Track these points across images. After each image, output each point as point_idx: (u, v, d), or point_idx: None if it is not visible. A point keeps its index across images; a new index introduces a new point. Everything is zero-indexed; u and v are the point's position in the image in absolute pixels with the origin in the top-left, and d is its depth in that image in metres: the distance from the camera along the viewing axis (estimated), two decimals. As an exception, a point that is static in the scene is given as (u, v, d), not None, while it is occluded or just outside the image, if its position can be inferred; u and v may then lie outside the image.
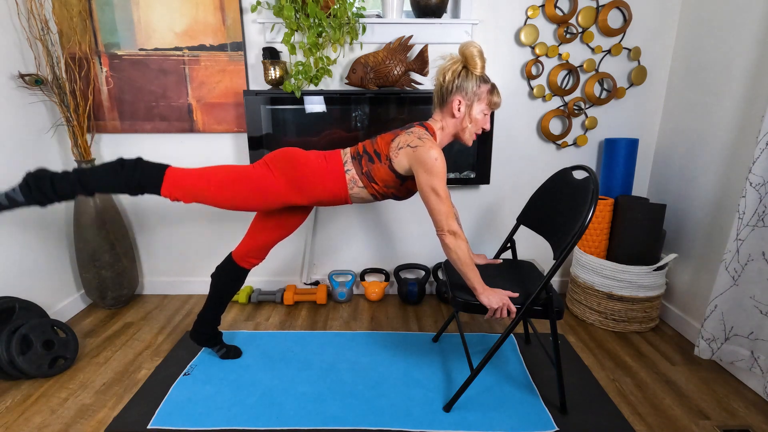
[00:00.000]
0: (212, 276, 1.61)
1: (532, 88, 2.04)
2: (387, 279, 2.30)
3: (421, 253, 2.31)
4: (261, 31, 1.96)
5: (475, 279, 1.32)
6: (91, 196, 1.33)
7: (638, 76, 2.01)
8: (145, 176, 1.30)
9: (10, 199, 1.26)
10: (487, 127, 1.41)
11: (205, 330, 1.65)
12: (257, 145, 1.99)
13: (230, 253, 1.61)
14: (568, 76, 2.03)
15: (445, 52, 1.99)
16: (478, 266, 1.56)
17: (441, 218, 1.30)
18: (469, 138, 1.41)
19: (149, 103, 2.02)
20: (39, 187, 1.26)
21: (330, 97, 1.93)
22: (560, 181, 1.52)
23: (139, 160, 1.32)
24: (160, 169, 1.32)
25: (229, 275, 1.59)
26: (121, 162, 1.31)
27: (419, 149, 1.29)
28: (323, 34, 1.86)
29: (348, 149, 1.44)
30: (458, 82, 1.33)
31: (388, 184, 1.38)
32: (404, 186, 1.40)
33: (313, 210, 2.21)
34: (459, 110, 1.35)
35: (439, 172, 1.28)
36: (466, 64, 1.33)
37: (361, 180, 1.38)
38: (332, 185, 1.38)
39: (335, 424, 1.37)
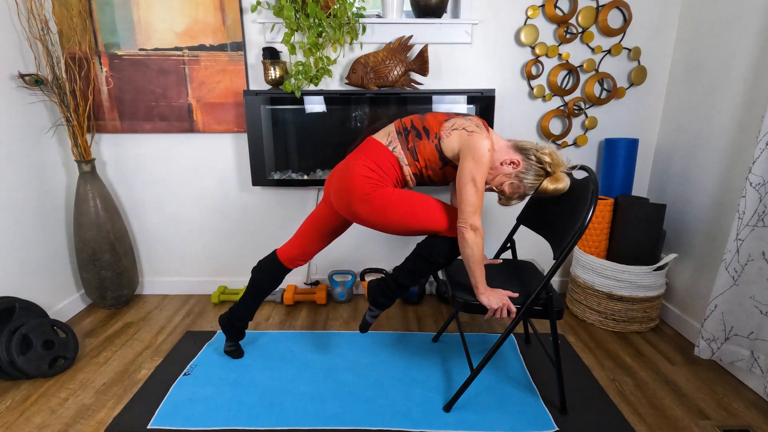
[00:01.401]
0: (253, 271, 1.61)
1: (532, 88, 2.04)
2: (387, 279, 2.29)
3: (421, 253, 2.30)
4: (261, 31, 1.96)
5: (480, 278, 1.31)
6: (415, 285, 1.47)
7: (638, 76, 2.01)
8: (439, 251, 1.37)
9: (374, 317, 1.53)
10: (494, 191, 1.42)
11: (236, 322, 1.65)
12: (258, 145, 1.99)
13: (275, 252, 1.60)
14: (568, 76, 2.03)
15: (445, 52, 1.99)
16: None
17: (470, 210, 1.28)
18: (492, 180, 1.41)
19: (149, 103, 2.02)
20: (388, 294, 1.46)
21: (330, 97, 1.93)
22: (560, 181, 1.52)
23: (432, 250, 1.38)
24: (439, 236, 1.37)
25: (271, 273, 1.60)
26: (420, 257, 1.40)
27: (475, 135, 1.28)
28: (323, 34, 1.86)
29: (390, 126, 1.42)
30: (536, 165, 1.33)
31: (430, 164, 1.37)
32: (443, 170, 1.38)
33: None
34: (508, 165, 1.35)
35: (486, 164, 1.27)
36: (551, 177, 1.34)
37: (406, 156, 1.36)
38: (390, 172, 1.36)
39: (335, 424, 1.37)
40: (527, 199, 1.39)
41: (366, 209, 1.33)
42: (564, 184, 1.34)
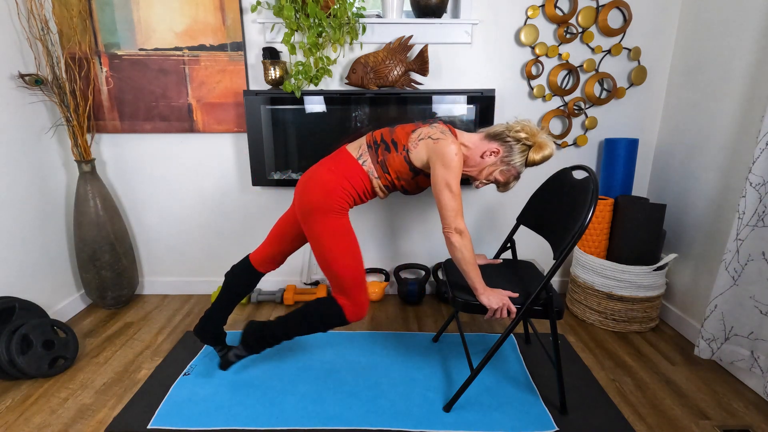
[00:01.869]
0: (226, 275, 1.61)
1: (532, 88, 2.04)
2: (387, 279, 2.30)
3: (421, 253, 2.31)
4: (261, 31, 1.96)
5: (476, 279, 1.32)
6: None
7: (638, 76, 2.01)
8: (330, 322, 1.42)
9: (239, 357, 1.52)
10: (479, 187, 1.44)
11: (210, 328, 1.64)
12: (257, 144, 1.99)
13: (247, 256, 1.61)
14: (568, 76, 2.03)
15: (445, 52, 1.99)
16: (478, 266, 1.55)
17: (450, 215, 1.29)
18: (465, 174, 1.42)
19: (149, 103, 2.02)
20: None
21: (330, 97, 1.93)
22: (560, 181, 1.52)
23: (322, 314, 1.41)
24: (339, 312, 1.40)
25: (244, 277, 1.60)
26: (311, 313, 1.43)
27: (441, 142, 1.29)
28: (323, 34, 1.86)
29: (362, 139, 1.43)
30: (516, 145, 1.34)
31: (401, 175, 1.38)
32: (415, 180, 1.40)
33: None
34: (489, 155, 1.36)
35: (456, 168, 1.28)
36: (535, 147, 1.34)
37: (376, 169, 1.38)
38: (357, 185, 1.37)
39: (335, 424, 1.37)
40: (516, 183, 1.42)
41: (320, 222, 1.33)
42: (549, 149, 1.34)
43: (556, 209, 1.45)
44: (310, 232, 1.36)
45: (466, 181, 2.07)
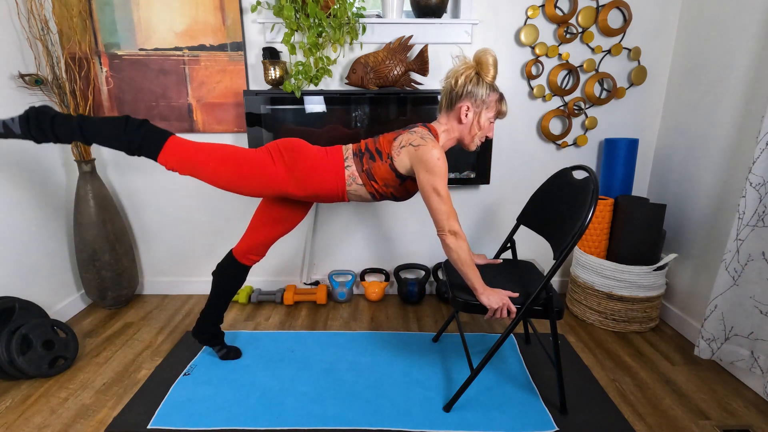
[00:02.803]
0: (213, 274, 1.61)
1: (532, 88, 2.04)
2: (387, 279, 2.30)
3: (421, 253, 2.31)
4: (261, 31, 1.96)
5: (475, 279, 1.32)
6: (87, 144, 1.31)
7: (638, 76, 2.01)
8: (146, 139, 1.28)
9: (6, 128, 1.25)
10: (491, 135, 1.41)
11: (207, 329, 1.65)
12: (257, 145, 1.99)
13: (231, 251, 1.61)
14: (568, 76, 2.03)
15: (445, 52, 1.99)
16: (478, 266, 1.55)
17: (442, 218, 1.30)
18: (473, 144, 1.41)
19: (149, 103, 2.02)
20: (38, 123, 1.25)
21: (330, 97, 1.93)
22: (560, 181, 1.52)
23: (144, 122, 1.30)
24: (163, 135, 1.31)
25: (230, 273, 1.59)
26: (126, 119, 1.29)
27: (421, 148, 1.29)
28: (323, 34, 1.86)
29: (350, 145, 1.44)
30: (469, 88, 1.32)
31: (388, 183, 1.38)
32: (403, 186, 1.40)
33: (313, 209, 2.21)
34: (466, 116, 1.35)
35: (441, 171, 1.28)
36: (480, 70, 1.32)
37: (361, 177, 1.38)
38: (330, 180, 1.38)
39: (335, 424, 1.37)
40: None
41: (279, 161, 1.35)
42: (488, 54, 1.30)
43: (556, 209, 1.45)
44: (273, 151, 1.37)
45: (465, 181, 2.07)
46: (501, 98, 1.37)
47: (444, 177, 1.29)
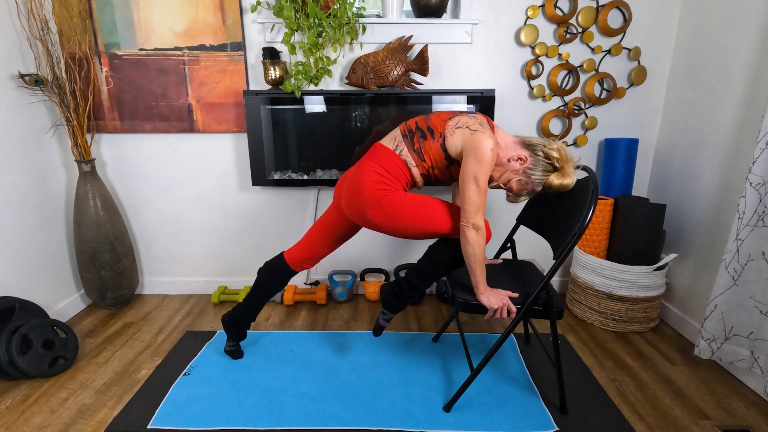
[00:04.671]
0: (260, 272, 1.62)
1: (532, 88, 2.04)
2: (387, 279, 2.30)
3: (421, 254, 2.31)
4: (261, 31, 1.96)
5: (481, 278, 1.31)
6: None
7: (638, 76, 2.01)
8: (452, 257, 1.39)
9: (387, 320, 1.53)
10: (491, 188, 1.42)
11: (239, 322, 1.65)
12: (257, 144, 1.99)
13: (282, 254, 1.61)
14: (568, 76, 2.03)
15: (445, 52, 1.99)
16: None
17: (472, 209, 1.27)
18: (495, 178, 1.40)
19: (149, 103, 2.02)
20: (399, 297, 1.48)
21: (330, 97, 1.93)
22: (560, 181, 1.52)
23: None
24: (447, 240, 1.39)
25: (278, 275, 1.60)
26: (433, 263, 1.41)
27: (478, 134, 1.28)
28: (323, 34, 1.86)
29: (395, 131, 1.42)
30: (544, 161, 1.32)
31: (436, 163, 1.36)
32: (448, 169, 1.38)
33: (313, 210, 2.21)
34: (515, 161, 1.34)
35: (489, 163, 1.26)
36: (559, 172, 1.33)
37: (413, 158, 1.36)
38: (399, 177, 1.36)
39: (335, 424, 1.37)
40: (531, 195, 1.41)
41: (378, 215, 1.34)
42: (570, 179, 1.33)
43: (556, 209, 1.45)
44: (381, 227, 1.36)
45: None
46: (531, 193, 1.38)
47: (489, 170, 1.27)
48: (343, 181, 1.45)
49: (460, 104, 1.94)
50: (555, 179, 1.33)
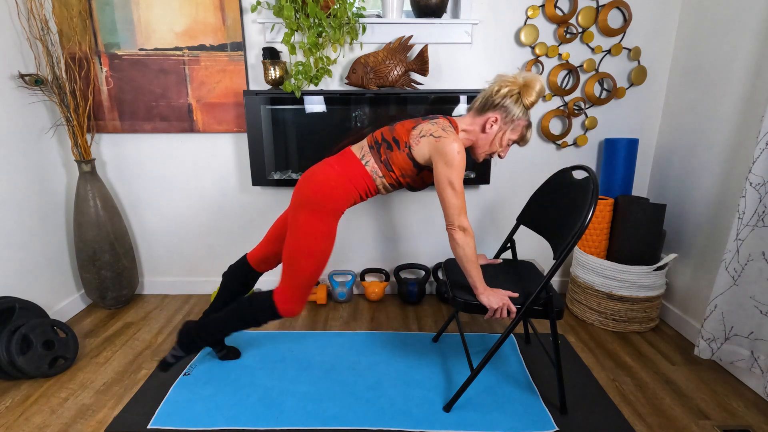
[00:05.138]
0: (224, 275, 1.62)
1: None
2: (387, 279, 2.30)
3: (421, 253, 2.31)
4: (261, 31, 1.96)
5: (477, 278, 1.31)
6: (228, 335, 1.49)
7: (638, 76, 2.01)
8: (259, 310, 1.40)
9: (177, 358, 1.49)
10: (503, 156, 1.41)
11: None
12: (258, 145, 1.99)
13: (245, 255, 1.61)
14: (568, 76, 2.03)
15: (445, 52, 1.99)
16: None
17: (453, 212, 1.29)
18: (482, 155, 1.41)
19: (149, 103, 2.02)
20: (191, 341, 1.47)
21: (330, 97, 1.93)
22: (560, 181, 1.52)
23: (245, 299, 1.43)
24: (267, 297, 1.39)
25: (242, 277, 1.60)
26: (244, 309, 1.42)
27: (442, 140, 1.28)
28: (323, 34, 1.86)
29: (364, 141, 1.43)
30: (506, 102, 1.31)
31: (405, 173, 1.37)
32: (420, 176, 1.39)
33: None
34: (491, 127, 1.34)
35: (459, 166, 1.27)
36: (523, 91, 1.31)
37: (380, 169, 1.37)
38: (360, 184, 1.37)
39: (335, 424, 1.37)
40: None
41: (308, 219, 1.32)
42: (538, 83, 1.29)
43: (556, 209, 1.45)
44: (294, 222, 1.34)
45: (465, 181, 2.07)
46: (529, 125, 1.37)
47: (461, 172, 1.28)
48: (304, 177, 1.41)
49: (461, 104, 1.94)
50: (528, 98, 1.30)
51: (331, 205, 1.33)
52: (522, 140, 1.39)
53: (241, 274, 1.60)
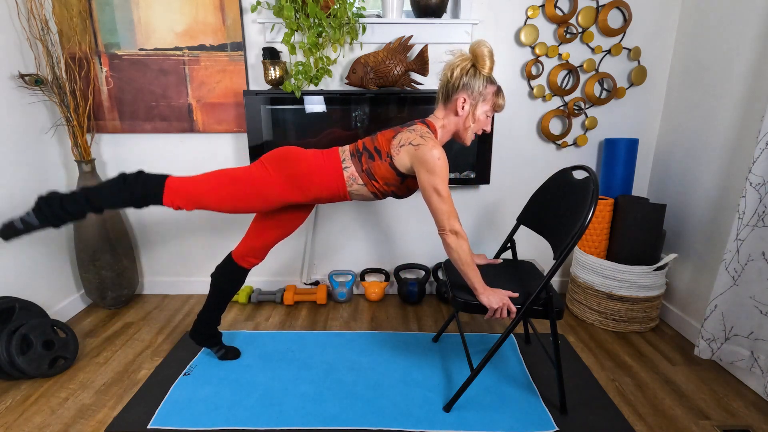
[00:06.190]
0: (212, 276, 1.61)
1: (532, 88, 2.04)
2: (387, 279, 2.30)
3: (421, 253, 2.31)
4: (261, 31, 1.96)
5: (475, 279, 1.32)
6: (100, 213, 1.37)
7: (638, 76, 2.01)
8: (146, 188, 1.33)
9: (26, 222, 1.31)
10: (488, 128, 1.41)
11: (204, 330, 1.65)
12: (257, 145, 1.99)
13: (230, 253, 1.61)
14: (568, 76, 2.03)
15: (445, 52, 1.99)
16: (479, 266, 1.55)
17: (443, 218, 1.30)
18: (468, 138, 1.40)
19: (149, 103, 2.02)
20: (50, 209, 1.30)
21: (330, 97, 1.93)
22: (560, 181, 1.52)
23: (140, 173, 1.35)
24: (160, 179, 1.34)
25: (229, 275, 1.59)
26: (123, 177, 1.33)
27: (421, 148, 1.28)
28: (323, 34, 1.86)
29: (347, 146, 1.43)
30: (465, 80, 1.31)
31: (389, 182, 1.38)
32: (404, 184, 1.40)
33: (313, 209, 2.21)
34: (463, 108, 1.34)
35: (441, 171, 1.27)
36: (476, 62, 1.31)
37: (361, 177, 1.38)
38: (330, 182, 1.38)
39: (335, 424, 1.37)
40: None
41: (264, 168, 1.35)
42: (483, 47, 1.29)
43: (556, 209, 1.45)
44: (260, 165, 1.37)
45: (465, 181, 2.07)
46: (498, 91, 1.36)
47: (444, 177, 1.28)
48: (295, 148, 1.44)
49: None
50: (483, 68, 1.30)
51: (265, 162, 1.35)
52: (497, 107, 1.39)
53: (228, 272, 1.59)
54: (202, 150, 2.12)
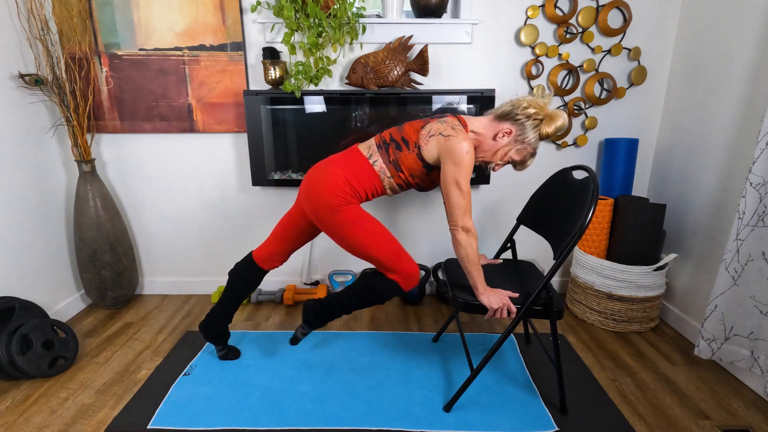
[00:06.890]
0: (230, 273, 1.61)
1: (532, 88, 2.04)
2: (387, 279, 2.29)
3: (421, 253, 2.31)
4: (261, 31, 1.96)
5: (478, 278, 1.31)
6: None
7: (638, 76, 2.01)
8: (385, 294, 1.42)
9: (306, 331, 1.56)
10: (496, 168, 1.42)
11: (217, 326, 1.65)
12: (257, 145, 1.99)
13: (251, 253, 1.61)
14: (568, 76, 2.03)
15: (445, 52, 1.99)
16: (479, 266, 1.56)
17: (458, 213, 1.29)
18: (478, 160, 1.41)
19: (149, 103, 2.02)
20: (319, 320, 1.51)
21: (330, 97, 1.93)
22: (560, 181, 1.52)
23: (371, 285, 1.43)
24: (390, 284, 1.40)
25: (248, 275, 1.60)
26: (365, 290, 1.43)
27: (452, 139, 1.28)
28: (323, 34, 1.86)
29: (372, 139, 1.43)
30: (526, 123, 1.32)
31: (414, 173, 1.37)
32: (429, 176, 1.39)
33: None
34: (502, 137, 1.35)
35: (467, 166, 1.27)
36: (545, 121, 1.32)
37: (389, 169, 1.37)
38: (367, 180, 1.37)
39: (335, 424, 1.37)
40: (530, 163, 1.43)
41: (332, 220, 1.34)
42: (561, 119, 1.31)
43: (556, 209, 1.45)
44: (328, 230, 1.37)
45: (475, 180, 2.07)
46: (533, 154, 1.38)
47: (468, 171, 1.27)
48: (309, 175, 1.41)
49: (461, 104, 1.94)
50: (548, 128, 1.31)
51: (341, 199, 1.33)
52: (521, 164, 1.40)
53: (248, 272, 1.60)
54: (202, 150, 2.12)
